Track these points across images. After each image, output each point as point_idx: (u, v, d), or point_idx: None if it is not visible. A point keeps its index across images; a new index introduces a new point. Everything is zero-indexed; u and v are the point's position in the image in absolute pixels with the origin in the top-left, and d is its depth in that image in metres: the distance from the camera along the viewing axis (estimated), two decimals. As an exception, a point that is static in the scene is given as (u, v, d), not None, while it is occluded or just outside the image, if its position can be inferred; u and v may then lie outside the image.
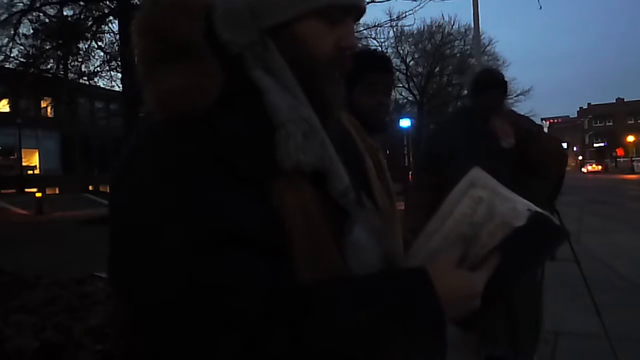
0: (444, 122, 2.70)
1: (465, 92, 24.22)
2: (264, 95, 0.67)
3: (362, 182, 1.01)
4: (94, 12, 12.58)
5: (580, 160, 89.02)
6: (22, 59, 13.03)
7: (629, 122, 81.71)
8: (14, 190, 24.84)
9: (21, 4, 12.25)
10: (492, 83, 2.35)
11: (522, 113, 2.99)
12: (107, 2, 12.00)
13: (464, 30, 27.31)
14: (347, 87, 1.74)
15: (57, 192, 27.82)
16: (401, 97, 28.41)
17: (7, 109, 24.24)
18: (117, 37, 12.20)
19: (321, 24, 0.71)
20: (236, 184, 0.61)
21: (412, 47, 28.52)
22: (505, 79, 2.42)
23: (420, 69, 29.25)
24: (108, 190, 0.76)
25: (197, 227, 0.58)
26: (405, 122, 22.99)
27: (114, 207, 0.67)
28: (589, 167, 73.64)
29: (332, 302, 0.62)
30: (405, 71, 27.63)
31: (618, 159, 76.67)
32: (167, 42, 0.66)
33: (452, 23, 28.30)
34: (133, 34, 0.69)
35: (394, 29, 23.29)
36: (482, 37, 17.40)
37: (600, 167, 71.58)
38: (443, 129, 2.70)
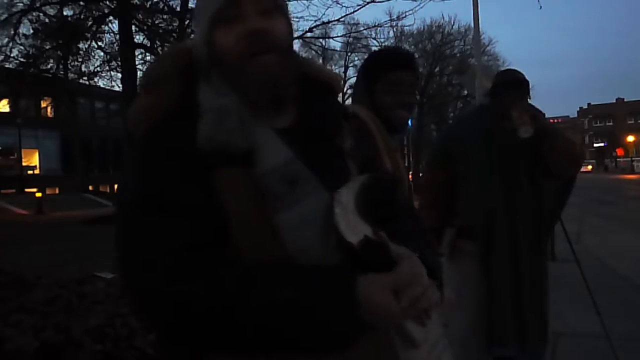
0: (460, 119, 2.57)
1: (466, 92, 24.25)
2: (199, 99, 0.85)
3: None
4: (94, 12, 12.55)
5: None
6: (22, 59, 13.03)
7: (629, 122, 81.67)
8: (14, 190, 24.83)
9: (21, 4, 12.24)
10: (512, 83, 2.32)
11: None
12: (107, 2, 11.98)
13: (464, 30, 27.37)
14: (369, 85, 1.74)
15: (57, 192, 27.81)
16: (401, 97, 28.33)
17: (7, 109, 24.24)
18: (117, 37, 12.17)
19: (222, 29, 0.85)
20: (187, 173, 0.79)
21: (412, 47, 28.52)
22: (526, 78, 2.35)
23: (420, 69, 29.16)
24: (108, 190, 0.85)
25: (146, 195, 0.78)
26: (405, 122, 22.94)
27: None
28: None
29: (253, 279, 0.73)
30: (405, 71, 27.56)
31: (618, 159, 76.65)
32: (150, 79, 0.91)
33: (452, 23, 28.40)
34: None
35: (394, 29, 23.36)
36: (482, 37, 17.42)
37: (590, 168, 71.75)
38: (460, 126, 2.58)
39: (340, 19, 10.58)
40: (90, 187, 27.47)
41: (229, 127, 0.80)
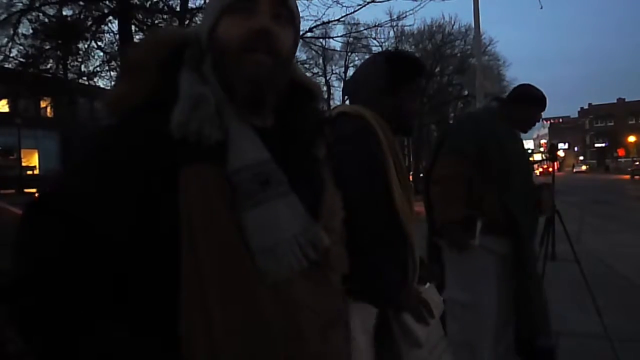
0: (480, 118, 2.56)
1: (466, 92, 24.23)
2: (180, 86, 0.82)
3: (383, 181, 1.26)
4: (93, 12, 12.53)
5: (580, 160, 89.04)
6: (21, 59, 13.00)
7: (630, 122, 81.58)
8: (13, 191, 24.83)
9: (21, 4, 12.21)
10: (542, 100, 2.64)
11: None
12: (107, 2, 11.97)
13: (464, 30, 27.32)
14: (391, 89, 1.80)
15: (57, 192, 27.72)
16: (401, 97, 28.27)
17: (6, 109, 24.21)
18: (117, 37, 12.16)
19: (231, 18, 0.84)
20: (136, 177, 0.74)
21: (413, 47, 28.50)
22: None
23: (420, 69, 29.10)
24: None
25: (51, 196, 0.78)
26: (405, 122, 22.92)
27: None
28: (574, 169, 75.19)
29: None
30: (405, 71, 27.50)
31: (619, 159, 76.63)
32: (128, 64, 0.87)
33: (453, 23, 28.29)
34: None
35: (395, 29, 23.33)
36: (482, 37, 17.38)
37: (584, 168, 73.14)
38: (490, 125, 2.58)
39: (340, 19, 10.60)
40: (90, 187, 27.35)
41: (203, 114, 0.78)
